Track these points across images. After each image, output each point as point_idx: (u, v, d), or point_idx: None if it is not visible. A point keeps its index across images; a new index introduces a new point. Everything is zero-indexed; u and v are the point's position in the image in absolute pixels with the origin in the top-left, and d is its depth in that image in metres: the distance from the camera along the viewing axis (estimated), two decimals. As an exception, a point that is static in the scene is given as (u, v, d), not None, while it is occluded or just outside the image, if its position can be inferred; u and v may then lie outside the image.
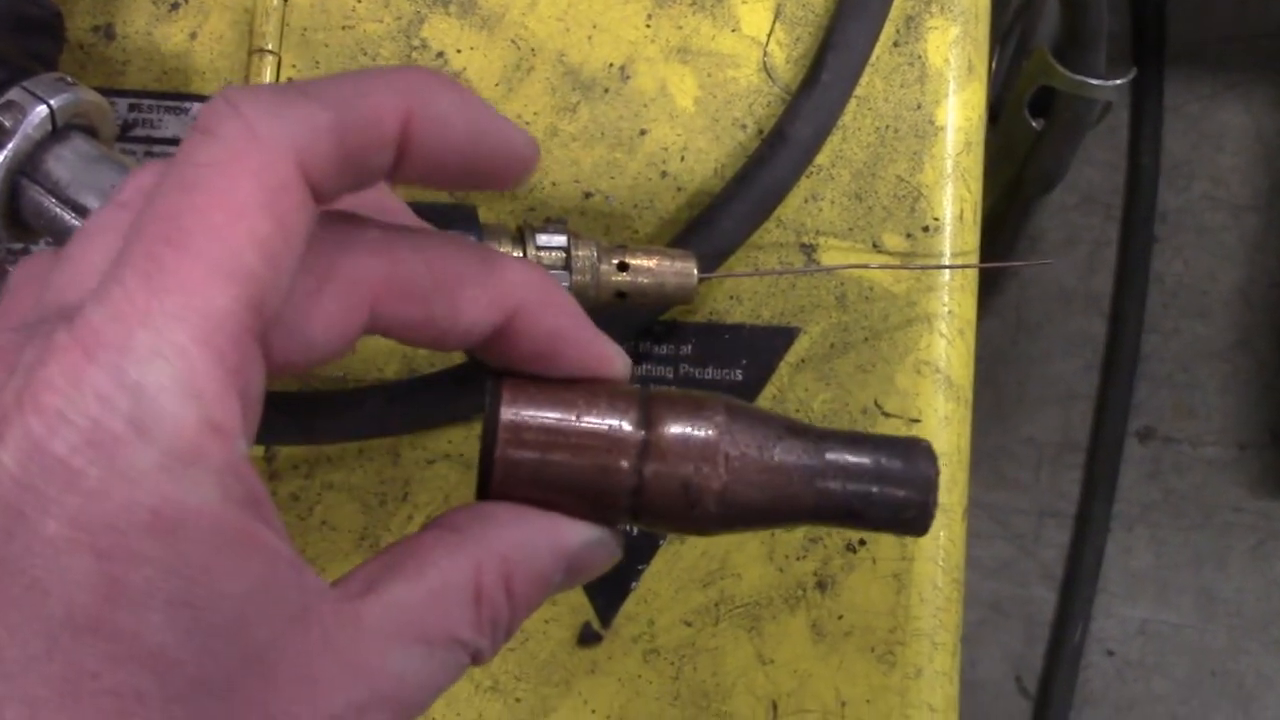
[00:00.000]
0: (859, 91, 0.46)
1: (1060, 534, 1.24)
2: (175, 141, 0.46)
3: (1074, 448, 1.25)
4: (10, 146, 0.36)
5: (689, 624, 0.45)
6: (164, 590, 0.21)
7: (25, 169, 0.37)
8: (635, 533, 0.45)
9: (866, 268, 0.46)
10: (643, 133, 0.47)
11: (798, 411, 0.46)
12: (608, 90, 0.47)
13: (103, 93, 0.39)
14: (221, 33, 0.47)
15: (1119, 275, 1.26)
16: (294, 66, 0.46)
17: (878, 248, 0.46)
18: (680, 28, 0.47)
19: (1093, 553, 1.21)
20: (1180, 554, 1.23)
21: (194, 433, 0.21)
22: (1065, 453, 1.25)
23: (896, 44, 0.47)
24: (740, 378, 0.46)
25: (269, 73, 0.46)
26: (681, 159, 0.47)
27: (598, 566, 0.28)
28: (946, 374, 0.46)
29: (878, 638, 0.44)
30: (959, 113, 0.47)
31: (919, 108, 0.47)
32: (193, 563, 0.21)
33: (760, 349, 0.46)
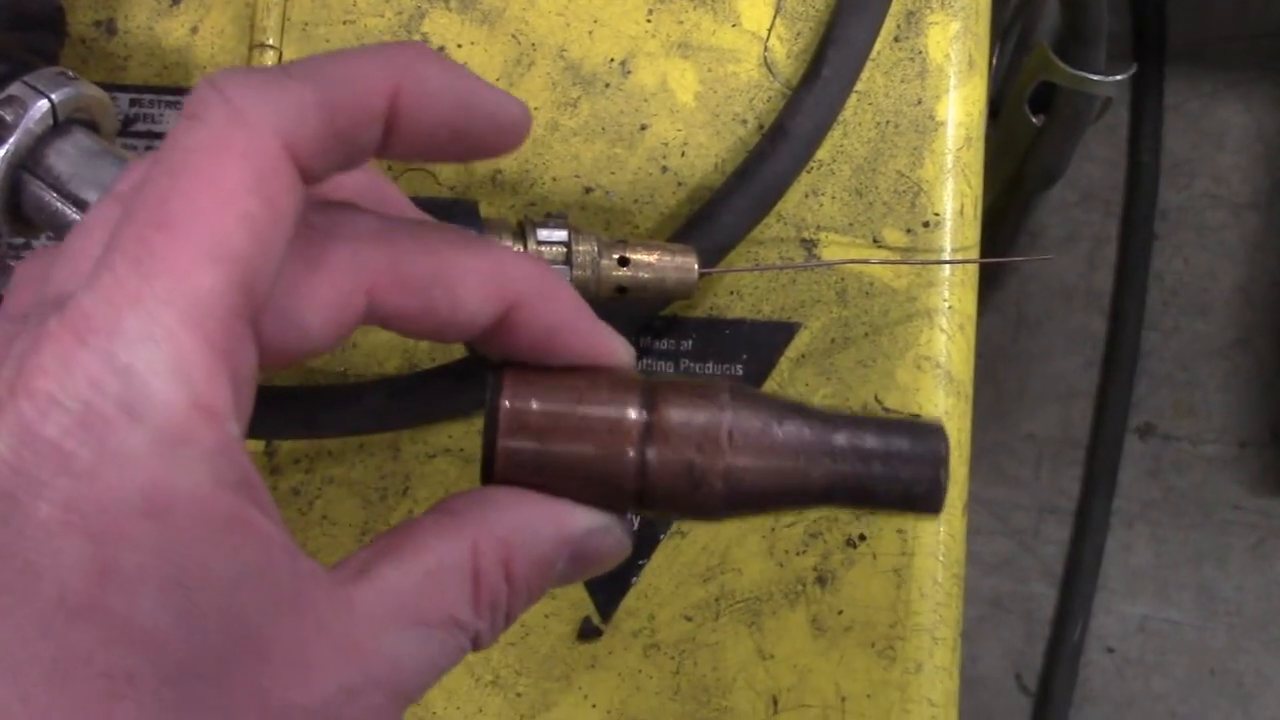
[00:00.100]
0: (859, 86, 0.46)
1: (1060, 531, 1.24)
2: (176, 136, 0.46)
3: (1074, 444, 1.25)
4: (11, 141, 0.36)
5: (689, 619, 0.45)
6: (156, 572, 0.21)
7: (26, 163, 0.37)
8: (636, 527, 0.45)
9: (867, 263, 0.46)
10: (643, 128, 0.47)
11: (798, 407, 0.46)
12: (608, 85, 0.47)
13: (104, 87, 0.39)
14: (222, 27, 0.47)
15: (1119, 272, 1.26)
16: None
17: (878, 243, 0.46)
18: (681, 23, 0.47)
19: (1092, 550, 1.21)
20: (1180, 552, 1.23)
21: (184, 415, 0.21)
22: (1065, 449, 1.25)
23: (897, 39, 0.47)
24: (741, 373, 0.46)
25: (270, 68, 0.46)
26: (682, 154, 0.47)
27: (605, 556, 0.28)
28: (947, 369, 0.46)
29: (878, 633, 0.44)
30: (959, 108, 0.47)
31: (919, 103, 0.47)
32: (184, 545, 0.21)
33: (761, 344, 0.46)
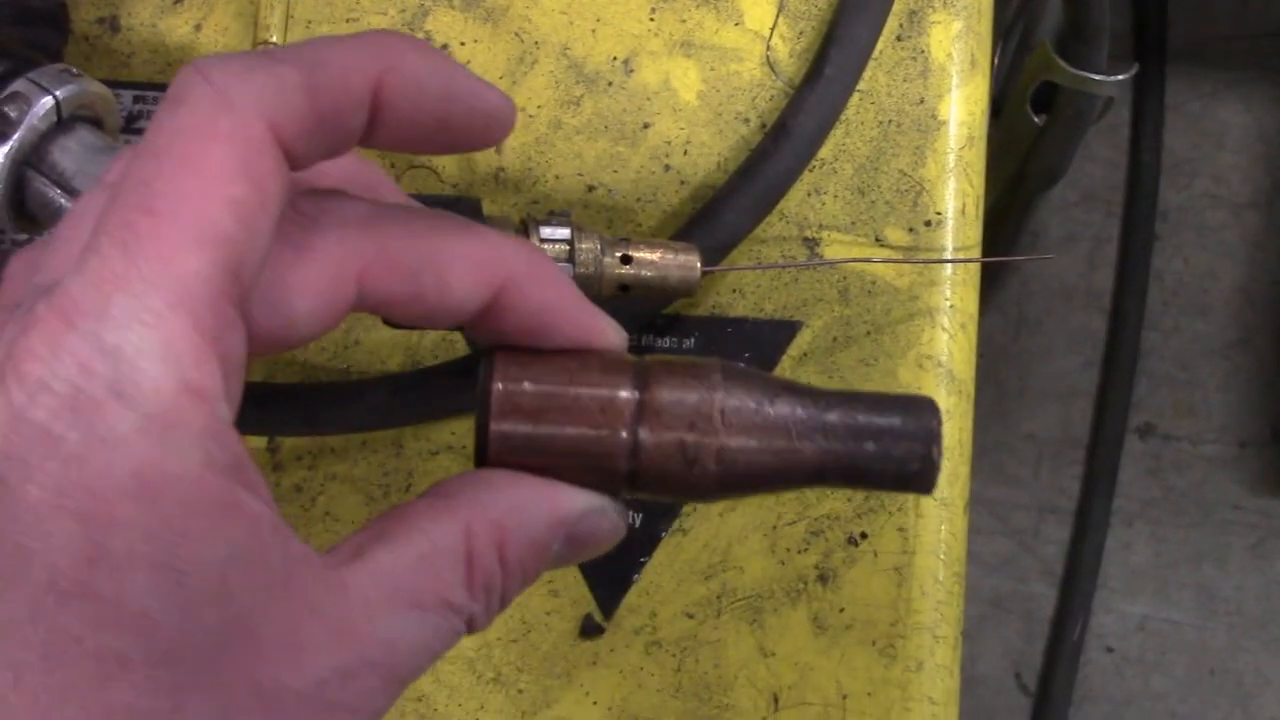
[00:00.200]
0: (862, 86, 0.47)
1: (1060, 530, 1.24)
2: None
3: (1074, 444, 1.25)
4: (16, 137, 0.36)
5: (691, 616, 0.45)
6: (146, 554, 0.21)
7: (30, 160, 0.37)
8: (637, 525, 0.45)
9: (869, 261, 0.46)
10: (646, 126, 0.47)
11: (800, 405, 0.46)
12: (611, 84, 0.47)
13: (107, 84, 0.39)
14: (226, 25, 0.47)
15: (1120, 272, 1.26)
16: (298, 59, 0.46)
17: (880, 242, 0.46)
18: (684, 21, 0.47)
19: (1092, 549, 1.21)
20: (1180, 551, 1.23)
21: (173, 397, 0.21)
22: (1065, 449, 1.25)
23: (899, 38, 0.47)
24: (742, 371, 0.46)
25: (273, 65, 0.46)
26: (685, 153, 0.47)
27: (600, 538, 0.28)
28: (948, 368, 0.46)
29: (879, 631, 0.44)
30: (961, 107, 0.47)
31: (922, 102, 0.47)
32: (174, 527, 0.21)
33: (763, 342, 0.46)
